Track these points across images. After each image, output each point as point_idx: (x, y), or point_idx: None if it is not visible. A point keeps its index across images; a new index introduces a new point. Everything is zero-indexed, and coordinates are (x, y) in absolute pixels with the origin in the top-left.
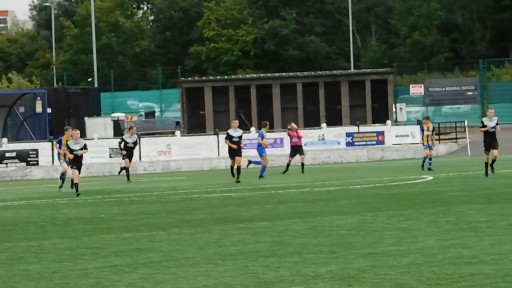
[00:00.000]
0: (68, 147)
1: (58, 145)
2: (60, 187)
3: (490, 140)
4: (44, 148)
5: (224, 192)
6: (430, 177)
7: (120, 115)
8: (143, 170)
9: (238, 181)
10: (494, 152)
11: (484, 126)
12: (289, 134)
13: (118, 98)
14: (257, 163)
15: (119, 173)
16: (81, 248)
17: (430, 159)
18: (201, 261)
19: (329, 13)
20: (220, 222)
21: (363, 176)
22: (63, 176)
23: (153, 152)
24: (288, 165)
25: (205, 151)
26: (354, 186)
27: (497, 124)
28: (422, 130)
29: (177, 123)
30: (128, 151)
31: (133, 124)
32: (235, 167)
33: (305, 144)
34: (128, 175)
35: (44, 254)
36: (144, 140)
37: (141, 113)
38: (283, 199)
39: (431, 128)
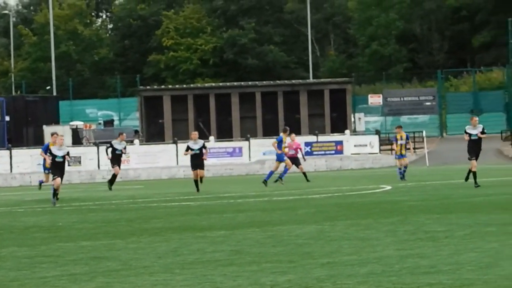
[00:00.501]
0: (50, 152)
1: (44, 152)
2: (53, 202)
3: (474, 149)
4: (2, 156)
5: (183, 201)
6: (389, 187)
7: (78, 123)
8: (101, 178)
9: (198, 190)
10: (473, 162)
11: (466, 134)
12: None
13: (77, 106)
14: (284, 173)
15: (112, 182)
16: (39, 257)
17: (405, 167)
18: (159, 270)
19: (287, 23)
20: (178, 231)
21: (322, 185)
22: (44, 185)
23: None
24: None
25: (163, 159)
26: (313, 196)
27: (483, 132)
28: (395, 140)
29: (136, 131)
30: (116, 158)
31: (91, 132)
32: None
33: (263, 153)
34: (112, 182)
35: (1, 263)
36: (102, 148)
37: (99, 121)
38: (242, 208)
39: (404, 137)
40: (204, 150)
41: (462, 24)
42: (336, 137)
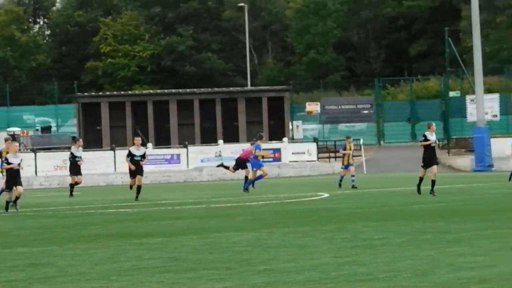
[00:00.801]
0: (7, 161)
1: None
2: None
3: (431, 156)
4: None
5: (120, 207)
6: (327, 194)
7: (16, 129)
8: (39, 184)
9: (136, 199)
10: (434, 168)
11: (426, 140)
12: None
13: (14, 113)
14: (258, 178)
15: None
16: None
17: (353, 176)
18: (96, 276)
19: (225, 30)
20: (116, 237)
21: (260, 192)
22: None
23: (49, 167)
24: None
25: (101, 166)
26: (251, 203)
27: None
28: (344, 149)
29: (73, 138)
30: (76, 165)
31: (28, 138)
32: (134, 186)
33: (201, 160)
34: (71, 191)
35: None
36: (40, 155)
37: (37, 128)
38: (180, 215)
39: (352, 147)
40: (143, 159)
41: (399, 33)
42: (274, 144)
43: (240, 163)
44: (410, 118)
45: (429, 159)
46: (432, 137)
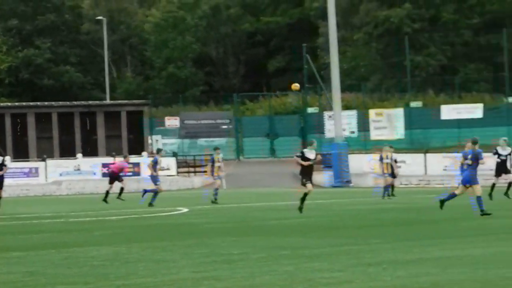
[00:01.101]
0: None
1: None
2: None
3: (310, 173)
4: None
5: None
6: (186, 209)
7: None
8: None
9: None
10: (309, 186)
11: (304, 158)
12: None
13: None
14: (152, 191)
15: None
16: None
17: (217, 189)
18: None
19: (84, 43)
20: None
21: (118, 207)
22: None
23: None
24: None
25: None
26: (110, 217)
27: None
28: (212, 162)
29: None
30: None
31: None
32: None
33: (60, 174)
34: None
35: None
36: None
37: None
38: (37, 229)
39: (221, 159)
40: (4, 168)
41: (257, 49)
42: (133, 159)
43: (114, 177)
44: (269, 133)
45: (308, 176)
46: (311, 155)
